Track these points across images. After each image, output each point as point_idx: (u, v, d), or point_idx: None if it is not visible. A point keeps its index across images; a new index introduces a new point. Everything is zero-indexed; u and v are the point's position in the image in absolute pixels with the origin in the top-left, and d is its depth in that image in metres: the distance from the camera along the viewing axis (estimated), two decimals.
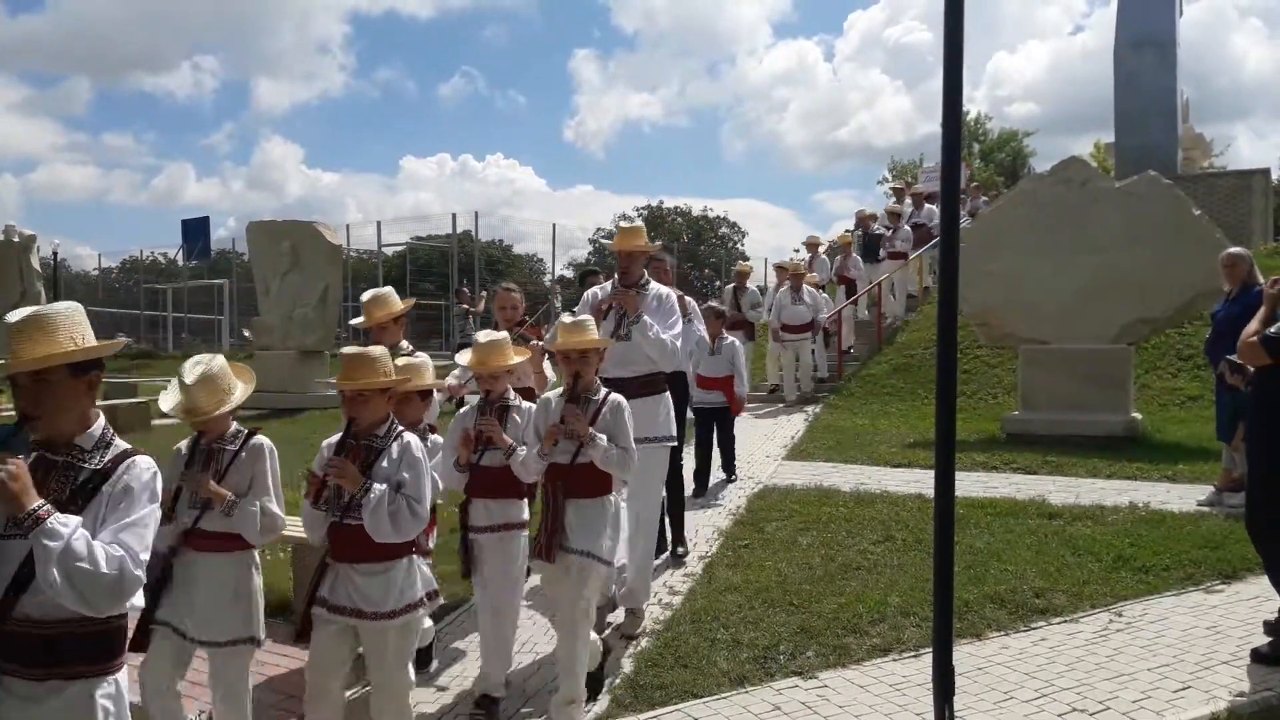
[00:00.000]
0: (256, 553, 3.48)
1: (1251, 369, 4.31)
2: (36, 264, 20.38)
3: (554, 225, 26.76)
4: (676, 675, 4.22)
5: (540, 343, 5.22)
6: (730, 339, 8.08)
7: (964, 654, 4.20)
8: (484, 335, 4.26)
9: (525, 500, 4.26)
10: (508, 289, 5.62)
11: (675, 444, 5.07)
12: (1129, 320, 9.44)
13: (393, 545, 3.23)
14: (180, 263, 31.02)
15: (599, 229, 46.47)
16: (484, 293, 20.03)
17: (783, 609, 4.98)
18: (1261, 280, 6.88)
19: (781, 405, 12.64)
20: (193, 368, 3.31)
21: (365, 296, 4.89)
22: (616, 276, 5.01)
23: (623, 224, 4.99)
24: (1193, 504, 6.77)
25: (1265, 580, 4.40)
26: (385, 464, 3.26)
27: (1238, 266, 6.91)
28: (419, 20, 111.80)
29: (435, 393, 4.49)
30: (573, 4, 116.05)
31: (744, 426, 11.36)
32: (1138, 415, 9.60)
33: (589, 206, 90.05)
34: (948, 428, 3.22)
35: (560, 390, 3.97)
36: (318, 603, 3.30)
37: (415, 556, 3.37)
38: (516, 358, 4.27)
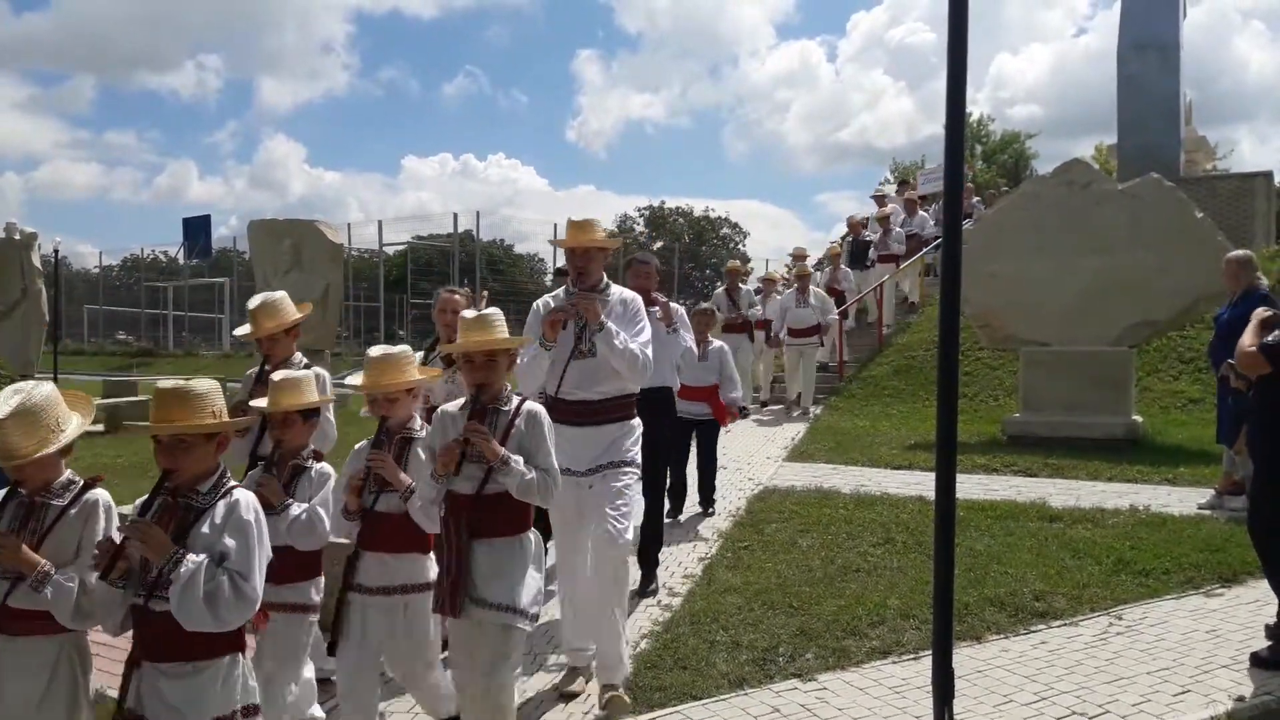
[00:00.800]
0: (89, 636, 2.82)
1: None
2: (37, 261, 20.38)
3: (555, 225, 26.75)
4: (675, 677, 4.21)
5: None
6: (718, 343, 7.31)
7: (964, 657, 4.20)
8: (378, 350, 3.55)
9: (430, 556, 3.49)
10: (450, 291, 4.97)
11: (638, 472, 4.30)
12: (1131, 322, 9.43)
13: (210, 639, 2.50)
14: (181, 261, 31.04)
15: None
16: (484, 293, 20.00)
17: (782, 611, 4.97)
18: (1265, 283, 6.89)
19: (782, 409, 12.59)
20: (9, 398, 2.69)
21: (252, 303, 4.27)
22: (570, 281, 4.25)
23: (572, 217, 4.25)
24: (1193, 507, 6.76)
25: (1265, 584, 4.39)
26: (206, 529, 2.54)
27: (1241, 270, 6.90)
28: (422, 20, 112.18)
29: (328, 412, 3.95)
30: (576, 4, 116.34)
31: (744, 428, 11.35)
32: (1139, 418, 9.59)
33: (591, 207, 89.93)
34: (949, 430, 3.21)
35: (462, 402, 3.31)
36: (125, 716, 2.56)
37: (240, 656, 2.63)
38: (419, 375, 3.59)
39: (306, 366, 4.17)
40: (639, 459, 4.29)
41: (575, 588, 4.26)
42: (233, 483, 2.69)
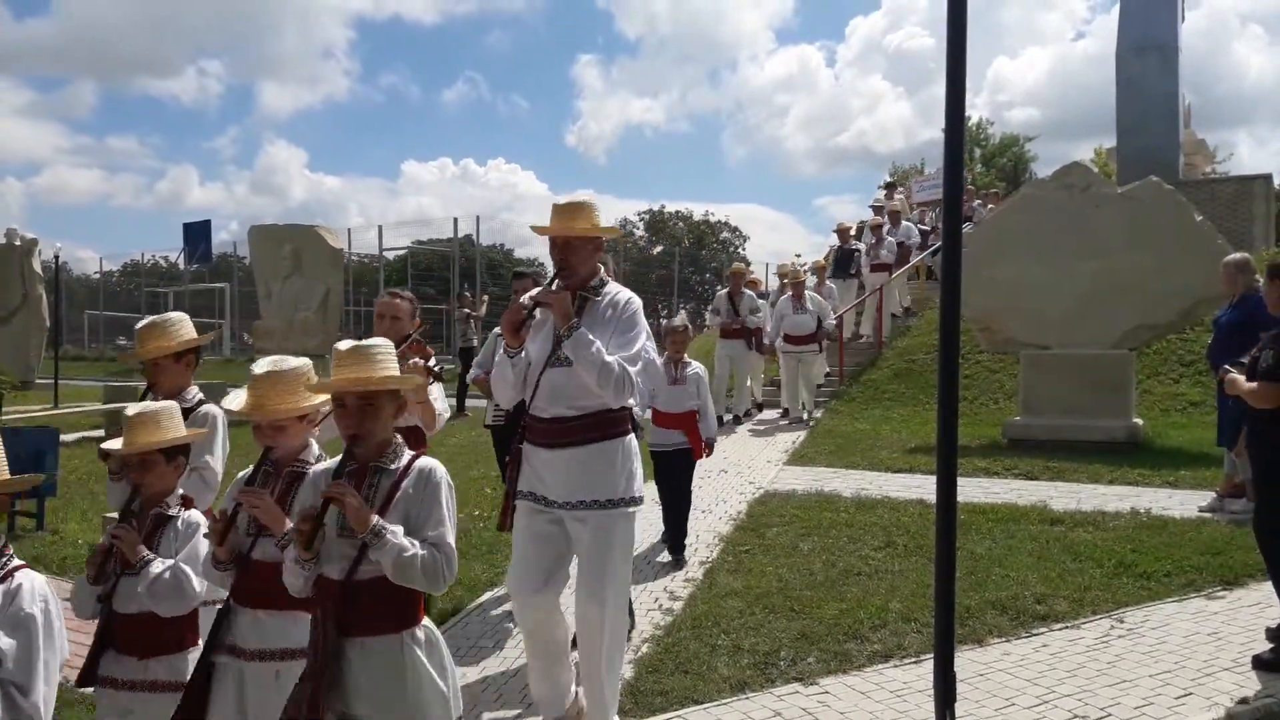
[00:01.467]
0: None
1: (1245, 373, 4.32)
2: (38, 267, 20.42)
3: None
4: (677, 681, 4.21)
5: (427, 362, 4.02)
6: (696, 366, 6.35)
7: (965, 660, 4.20)
8: (264, 364, 2.88)
9: None
10: (392, 294, 4.40)
11: (639, 506, 3.67)
12: (1131, 325, 9.43)
13: None
14: (182, 266, 31.09)
15: None
16: (485, 296, 20.06)
17: (784, 615, 4.97)
18: (1263, 286, 6.89)
19: (779, 415, 12.43)
20: None
21: (140, 325, 3.72)
22: (550, 279, 3.60)
23: (558, 201, 3.57)
24: (1194, 510, 6.76)
25: (1267, 586, 4.40)
26: None
27: (1239, 273, 6.90)
28: (423, 25, 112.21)
29: (210, 457, 3.49)
30: (576, 10, 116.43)
31: (744, 432, 11.35)
32: (1139, 421, 9.59)
33: None
34: (949, 433, 3.21)
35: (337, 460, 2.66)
36: None
37: None
38: (317, 398, 2.91)
39: (200, 403, 3.63)
40: (640, 492, 3.65)
41: (542, 632, 3.63)
42: (16, 562, 2.16)
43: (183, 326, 3.68)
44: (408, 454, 2.62)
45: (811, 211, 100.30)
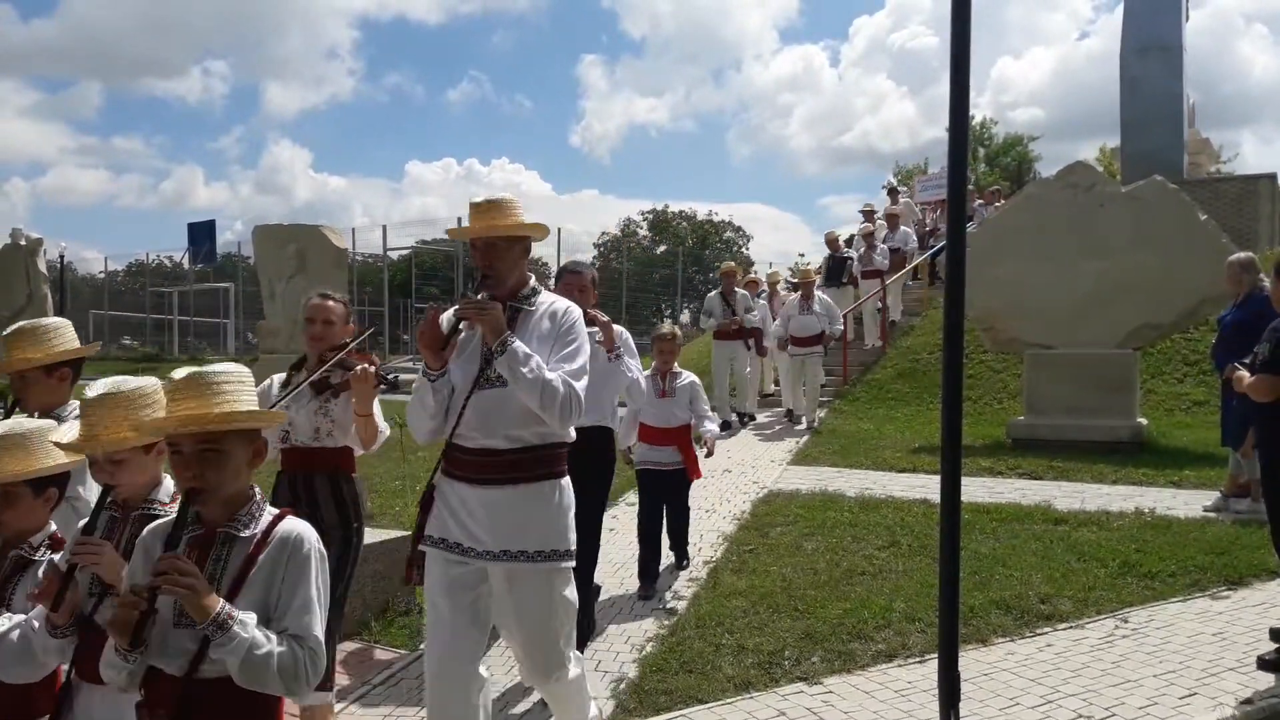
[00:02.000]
0: None
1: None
2: (43, 267, 20.50)
3: (559, 229, 26.80)
4: (681, 680, 4.21)
5: (374, 367, 3.52)
6: (689, 376, 5.85)
7: (969, 660, 4.20)
8: (100, 386, 2.36)
9: None
10: (324, 295, 3.84)
11: (573, 562, 3.13)
12: (1135, 325, 9.43)
13: None
14: (186, 266, 31.18)
15: (604, 233, 46.61)
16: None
17: (788, 614, 4.97)
18: (1267, 285, 6.88)
19: (780, 414, 12.34)
20: None
21: (7, 331, 3.23)
22: (473, 287, 3.12)
23: (474, 198, 3.12)
24: (1199, 510, 6.76)
25: (1272, 586, 4.41)
26: None
27: (1243, 272, 6.90)
28: (428, 26, 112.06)
29: (81, 488, 2.91)
30: (580, 9, 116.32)
31: (747, 433, 11.35)
32: (1143, 420, 9.59)
33: (594, 211, 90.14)
34: (954, 433, 3.21)
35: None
36: None
37: None
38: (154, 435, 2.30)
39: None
40: (571, 540, 3.11)
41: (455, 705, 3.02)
42: None
43: (58, 335, 3.19)
44: (268, 515, 2.12)
45: (816, 211, 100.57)
